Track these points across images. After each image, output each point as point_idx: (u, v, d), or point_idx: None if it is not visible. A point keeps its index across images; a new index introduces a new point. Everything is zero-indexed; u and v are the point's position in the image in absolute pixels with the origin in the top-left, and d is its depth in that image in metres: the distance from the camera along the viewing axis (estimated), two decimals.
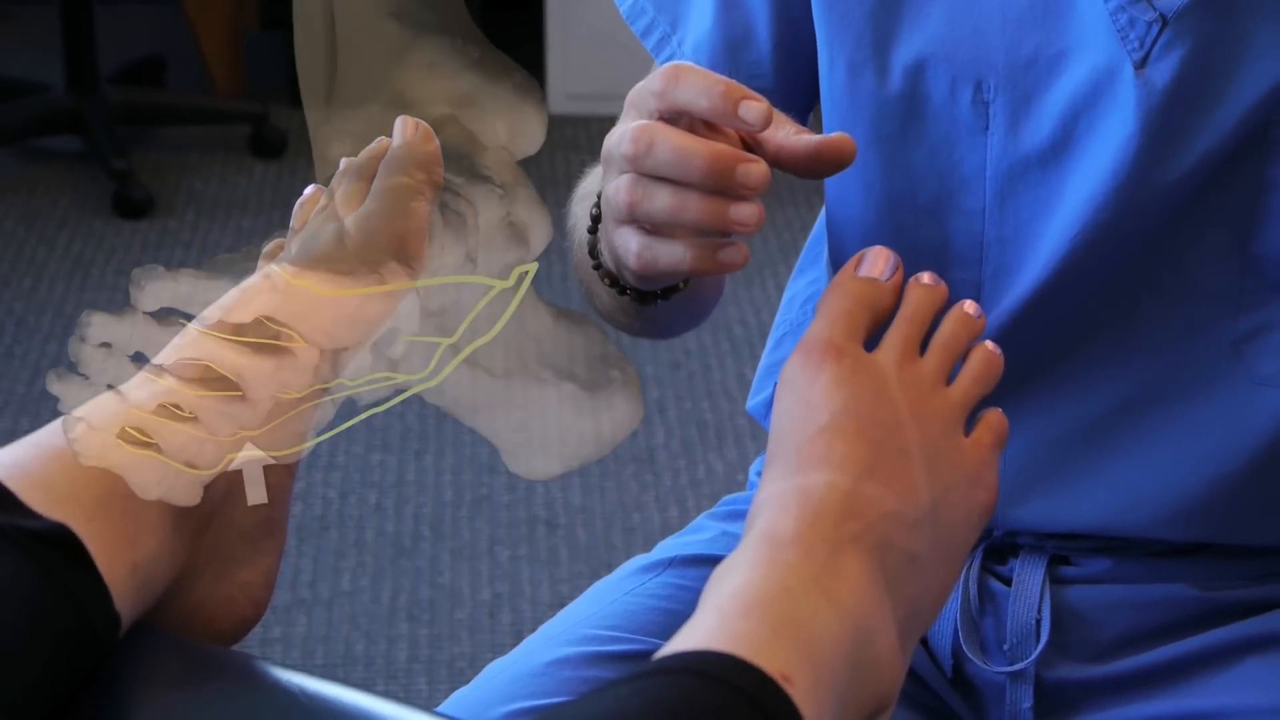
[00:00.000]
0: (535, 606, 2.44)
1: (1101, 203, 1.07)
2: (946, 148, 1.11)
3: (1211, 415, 1.12)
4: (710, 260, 0.91)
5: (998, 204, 1.11)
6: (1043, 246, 1.10)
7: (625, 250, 0.93)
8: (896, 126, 1.11)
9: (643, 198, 0.90)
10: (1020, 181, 1.10)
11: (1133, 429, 1.13)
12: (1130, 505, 1.14)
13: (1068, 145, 1.08)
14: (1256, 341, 1.11)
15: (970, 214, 1.12)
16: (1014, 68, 1.08)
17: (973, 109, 1.09)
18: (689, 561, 1.23)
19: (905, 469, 0.84)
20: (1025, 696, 1.17)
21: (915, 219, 1.13)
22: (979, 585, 1.18)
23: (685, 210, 0.90)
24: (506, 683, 1.15)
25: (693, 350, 3.05)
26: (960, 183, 1.11)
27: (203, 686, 0.91)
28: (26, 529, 0.87)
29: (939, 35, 1.10)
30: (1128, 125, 1.06)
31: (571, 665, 1.15)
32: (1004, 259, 1.12)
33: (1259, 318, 1.10)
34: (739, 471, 2.72)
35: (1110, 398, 1.13)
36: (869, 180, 1.14)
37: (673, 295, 1.05)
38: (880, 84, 1.11)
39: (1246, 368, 1.11)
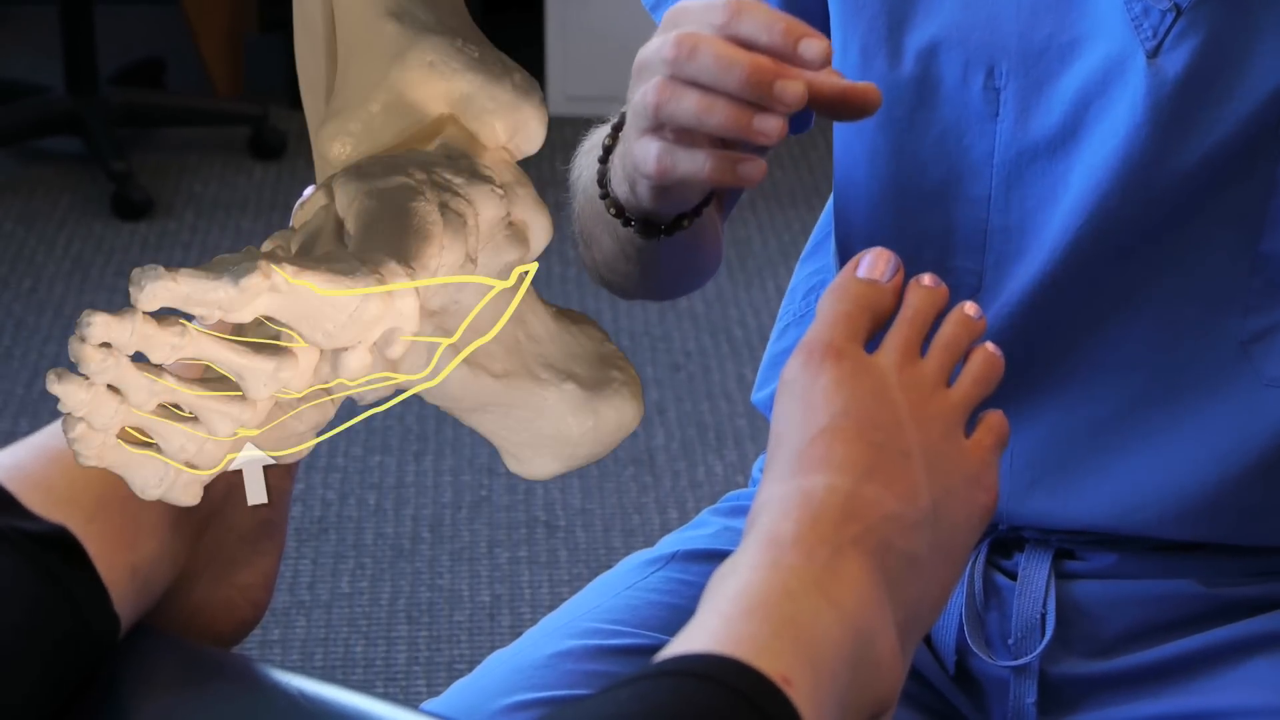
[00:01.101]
0: (535, 608, 2.44)
1: (1107, 192, 1.07)
2: (956, 133, 1.11)
3: (1219, 416, 1.12)
4: (729, 171, 0.92)
5: (1004, 192, 1.11)
6: (1047, 237, 1.10)
7: (645, 157, 0.95)
8: (907, 111, 1.12)
9: (671, 98, 0.92)
10: (1028, 169, 1.10)
11: (1140, 427, 1.13)
12: (1136, 504, 1.14)
13: (1076, 134, 1.09)
14: (1265, 343, 1.11)
15: (976, 201, 1.12)
16: (1027, 54, 1.09)
17: (984, 95, 1.10)
18: (692, 556, 1.23)
19: (906, 471, 0.83)
20: (1029, 691, 1.17)
21: (921, 204, 1.13)
22: (984, 580, 1.18)
23: (712, 112, 0.91)
24: (508, 674, 1.15)
25: (692, 352, 3.05)
26: (968, 169, 1.12)
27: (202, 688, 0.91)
28: (26, 531, 0.87)
29: (953, 20, 1.10)
30: (1137, 115, 1.06)
31: (573, 658, 1.15)
32: (1007, 248, 1.12)
33: (1267, 318, 1.10)
34: (739, 473, 2.72)
35: (1117, 396, 1.13)
36: (877, 164, 1.14)
37: (676, 231, 1.06)
38: (892, 67, 1.11)
39: (1254, 369, 1.11)
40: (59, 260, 3.34)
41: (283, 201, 3.57)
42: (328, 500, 2.66)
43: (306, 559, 2.53)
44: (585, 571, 2.50)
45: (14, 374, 2.97)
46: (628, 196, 1.03)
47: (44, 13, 4.08)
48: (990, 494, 0.87)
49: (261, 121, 3.74)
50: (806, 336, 0.87)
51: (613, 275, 1.18)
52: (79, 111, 3.61)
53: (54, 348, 3.04)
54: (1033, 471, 1.14)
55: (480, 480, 2.70)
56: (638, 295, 1.24)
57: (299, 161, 3.74)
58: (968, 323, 0.90)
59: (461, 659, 2.35)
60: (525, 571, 2.51)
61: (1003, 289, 1.12)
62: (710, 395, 2.92)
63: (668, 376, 2.98)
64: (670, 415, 2.86)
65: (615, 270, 1.16)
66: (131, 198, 3.48)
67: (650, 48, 0.95)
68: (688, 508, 2.64)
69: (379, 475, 2.72)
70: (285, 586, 2.46)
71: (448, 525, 2.61)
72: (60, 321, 3.13)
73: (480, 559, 2.54)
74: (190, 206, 3.55)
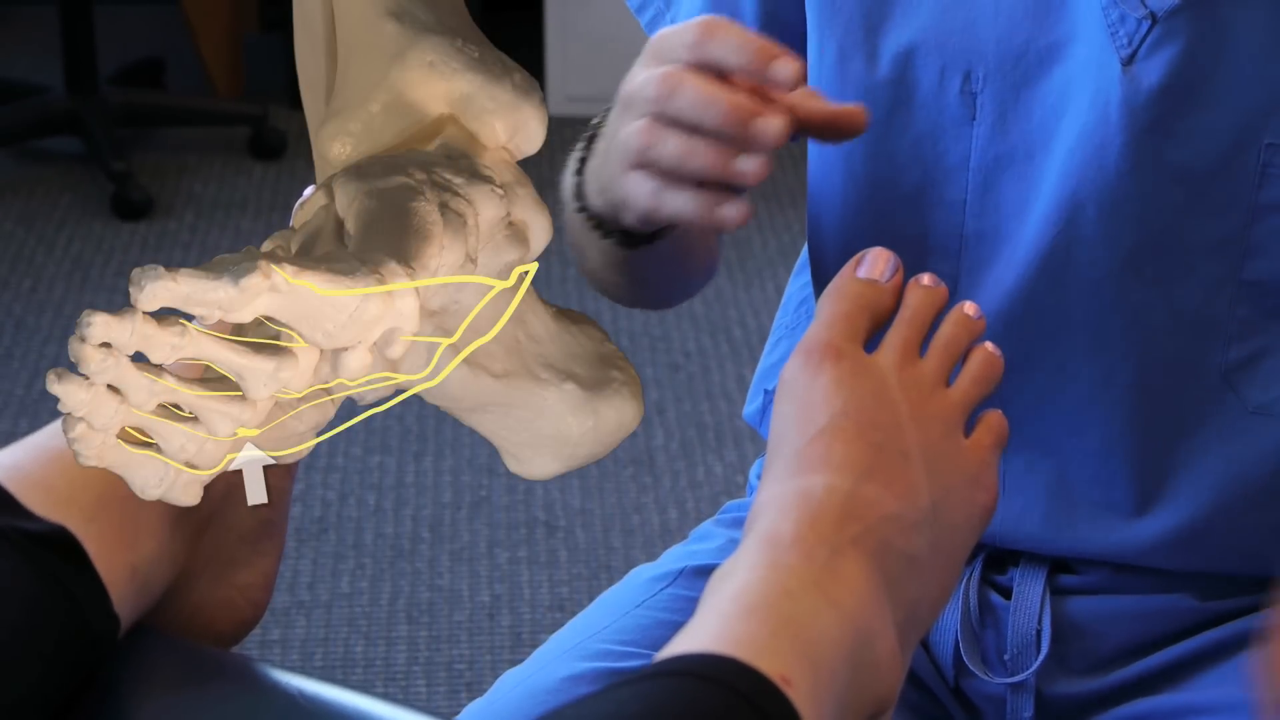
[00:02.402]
0: (534, 608, 2.44)
1: (1081, 202, 1.07)
2: (932, 137, 1.11)
3: (1207, 444, 1.11)
4: (709, 212, 0.93)
5: (979, 197, 1.11)
6: (1020, 243, 1.10)
7: (636, 194, 0.96)
8: (883, 114, 1.11)
9: (655, 141, 0.93)
10: (1004, 174, 1.10)
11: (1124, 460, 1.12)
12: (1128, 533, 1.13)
13: (1051, 141, 1.08)
14: (1248, 370, 1.10)
15: (951, 205, 1.11)
16: (1004, 59, 1.08)
17: (960, 99, 1.09)
18: (699, 572, 1.22)
19: (905, 471, 0.83)
20: (1026, 707, 1.17)
21: (896, 208, 1.13)
22: (979, 596, 1.17)
23: (693, 156, 0.92)
24: (522, 697, 1.15)
25: (692, 352, 3.05)
26: (944, 173, 1.11)
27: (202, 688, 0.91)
28: (25, 531, 0.87)
29: (930, 24, 1.10)
30: (1111, 124, 1.05)
31: (587, 681, 1.14)
32: (981, 253, 1.11)
33: (1251, 346, 1.09)
34: (738, 473, 2.72)
35: (1098, 427, 1.12)
36: (852, 167, 1.14)
37: (656, 241, 1.07)
38: (869, 71, 1.11)
39: (1238, 397, 1.10)
40: (59, 260, 3.34)
41: (282, 202, 3.57)
42: (327, 500, 2.66)
43: (306, 559, 2.53)
44: (585, 572, 2.50)
45: (14, 374, 2.97)
46: (605, 209, 1.03)
47: (43, 13, 4.08)
48: (990, 494, 0.87)
49: (261, 122, 3.74)
50: (806, 337, 0.87)
51: (605, 285, 1.18)
52: (79, 111, 3.61)
53: (54, 348, 3.04)
54: (1025, 499, 1.14)
55: (480, 480, 2.70)
56: (633, 304, 1.24)
57: (299, 162, 3.74)
58: (967, 322, 0.90)
59: (461, 659, 2.35)
60: (525, 571, 2.51)
61: (977, 295, 1.11)
62: (710, 395, 2.92)
63: (667, 377, 2.98)
64: (670, 416, 2.86)
65: (606, 280, 1.17)
66: (131, 198, 3.48)
67: (635, 83, 0.96)
68: (687, 508, 2.64)
69: (379, 475, 2.72)
70: (285, 586, 2.46)
71: (447, 525, 2.61)
72: (60, 322, 3.13)
73: (480, 559, 2.54)
74: (190, 207, 3.55)
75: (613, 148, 0.99)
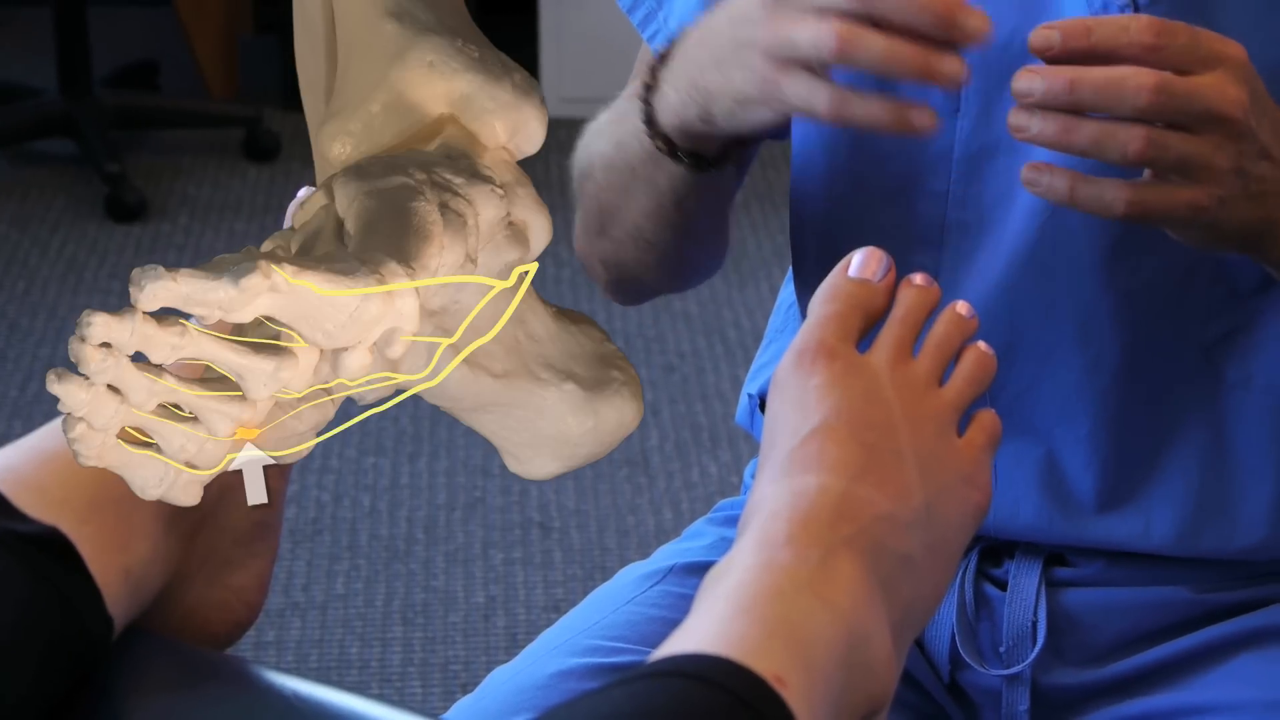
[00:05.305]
0: (529, 609, 2.44)
1: None
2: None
3: (1195, 421, 1.12)
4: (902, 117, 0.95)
5: (963, 188, 1.11)
6: (1005, 234, 1.10)
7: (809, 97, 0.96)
8: None
9: (856, 39, 0.94)
10: (987, 166, 1.10)
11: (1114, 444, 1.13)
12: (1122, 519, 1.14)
13: None
14: (1225, 346, 1.11)
15: (934, 196, 1.12)
16: (989, 51, 1.08)
17: (945, 91, 1.10)
18: (690, 570, 1.22)
19: (898, 471, 0.84)
20: (1021, 699, 1.17)
21: (879, 198, 1.13)
22: (974, 589, 1.18)
23: (899, 56, 0.93)
24: (511, 693, 1.15)
25: (686, 353, 3.05)
26: (927, 164, 1.12)
27: (196, 691, 0.91)
28: (18, 532, 0.87)
29: None
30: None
31: (576, 677, 1.14)
32: (964, 244, 1.12)
33: (1228, 322, 1.10)
34: (733, 474, 2.72)
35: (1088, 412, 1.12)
36: (836, 158, 1.14)
37: (724, 164, 1.08)
38: None
39: (1218, 373, 1.11)
40: (53, 263, 3.34)
41: (277, 204, 3.57)
42: (322, 502, 2.66)
43: (301, 560, 2.53)
44: (580, 572, 2.50)
45: (8, 376, 2.97)
46: (692, 123, 1.04)
47: (38, 15, 4.08)
48: (983, 493, 0.87)
49: (256, 124, 3.73)
50: (798, 337, 0.87)
51: (629, 259, 1.18)
52: (73, 114, 3.60)
53: (48, 350, 3.04)
54: (1014, 488, 1.14)
55: (475, 482, 2.70)
56: (650, 282, 1.23)
57: (293, 164, 3.74)
58: (960, 322, 0.91)
59: (456, 660, 2.35)
60: (520, 573, 2.51)
61: (959, 286, 1.12)
62: (704, 396, 2.93)
63: (662, 378, 2.98)
64: (664, 416, 2.86)
65: (637, 247, 1.16)
66: (125, 200, 3.48)
67: None
68: (682, 509, 2.64)
69: (373, 477, 2.72)
70: (280, 588, 2.46)
71: (442, 527, 2.61)
72: (54, 324, 3.13)
73: (475, 560, 2.54)
74: (184, 209, 3.55)
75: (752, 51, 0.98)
